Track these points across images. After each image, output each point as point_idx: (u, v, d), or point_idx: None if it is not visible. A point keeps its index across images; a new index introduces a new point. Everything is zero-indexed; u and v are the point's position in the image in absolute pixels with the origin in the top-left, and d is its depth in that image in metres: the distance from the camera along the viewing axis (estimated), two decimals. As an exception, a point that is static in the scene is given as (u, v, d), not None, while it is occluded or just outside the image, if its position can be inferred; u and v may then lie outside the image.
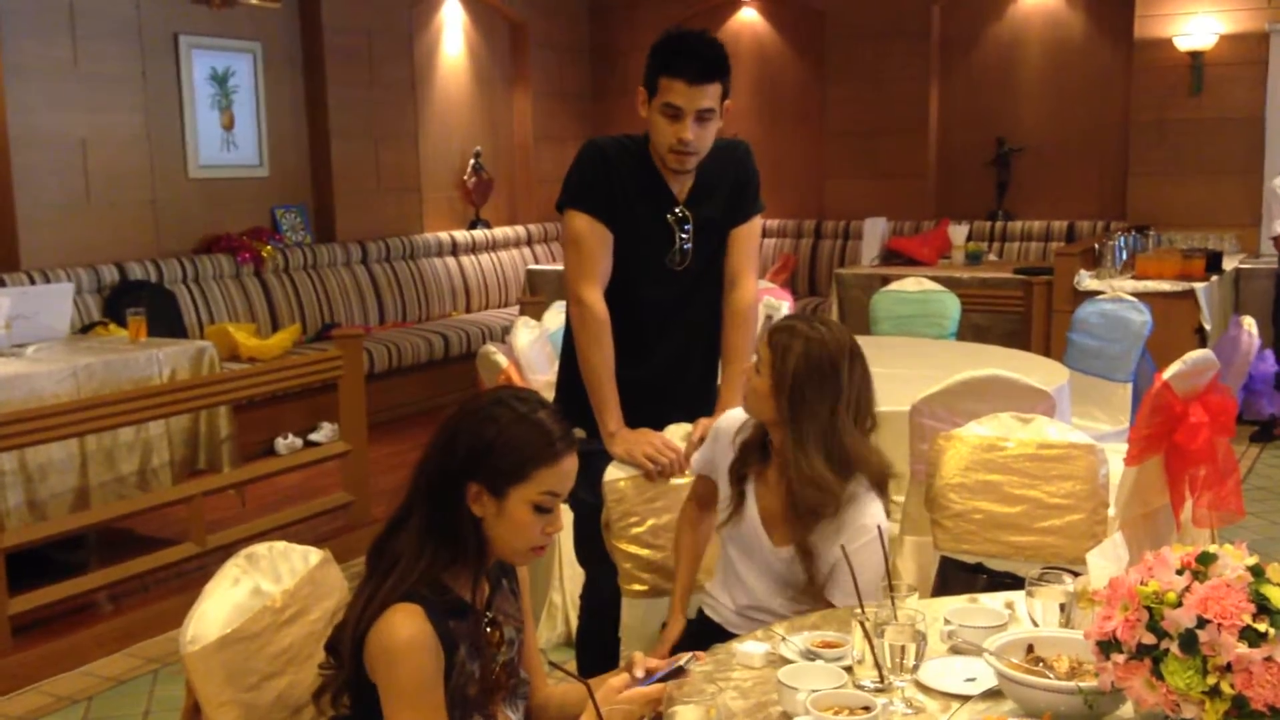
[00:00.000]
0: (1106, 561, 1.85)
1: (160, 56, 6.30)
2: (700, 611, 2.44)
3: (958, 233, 7.44)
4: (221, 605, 1.74)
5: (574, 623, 3.75)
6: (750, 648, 1.91)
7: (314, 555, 1.90)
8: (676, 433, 2.72)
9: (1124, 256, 6.37)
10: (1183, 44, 7.20)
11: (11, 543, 3.68)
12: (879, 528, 2.10)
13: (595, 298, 2.62)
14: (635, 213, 2.64)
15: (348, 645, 1.68)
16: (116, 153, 6.09)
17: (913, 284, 5.26)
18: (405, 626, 1.64)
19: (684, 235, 2.66)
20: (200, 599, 1.74)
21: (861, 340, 4.69)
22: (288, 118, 7.08)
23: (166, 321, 5.73)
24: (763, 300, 4.20)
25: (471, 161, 8.23)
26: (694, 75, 2.50)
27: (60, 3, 5.80)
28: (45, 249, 5.73)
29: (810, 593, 2.26)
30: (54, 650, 3.71)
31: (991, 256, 7.62)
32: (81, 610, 3.96)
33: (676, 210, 2.66)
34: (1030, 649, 1.74)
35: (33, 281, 5.42)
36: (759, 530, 2.29)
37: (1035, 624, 1.90)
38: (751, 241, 2.78)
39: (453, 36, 8.18)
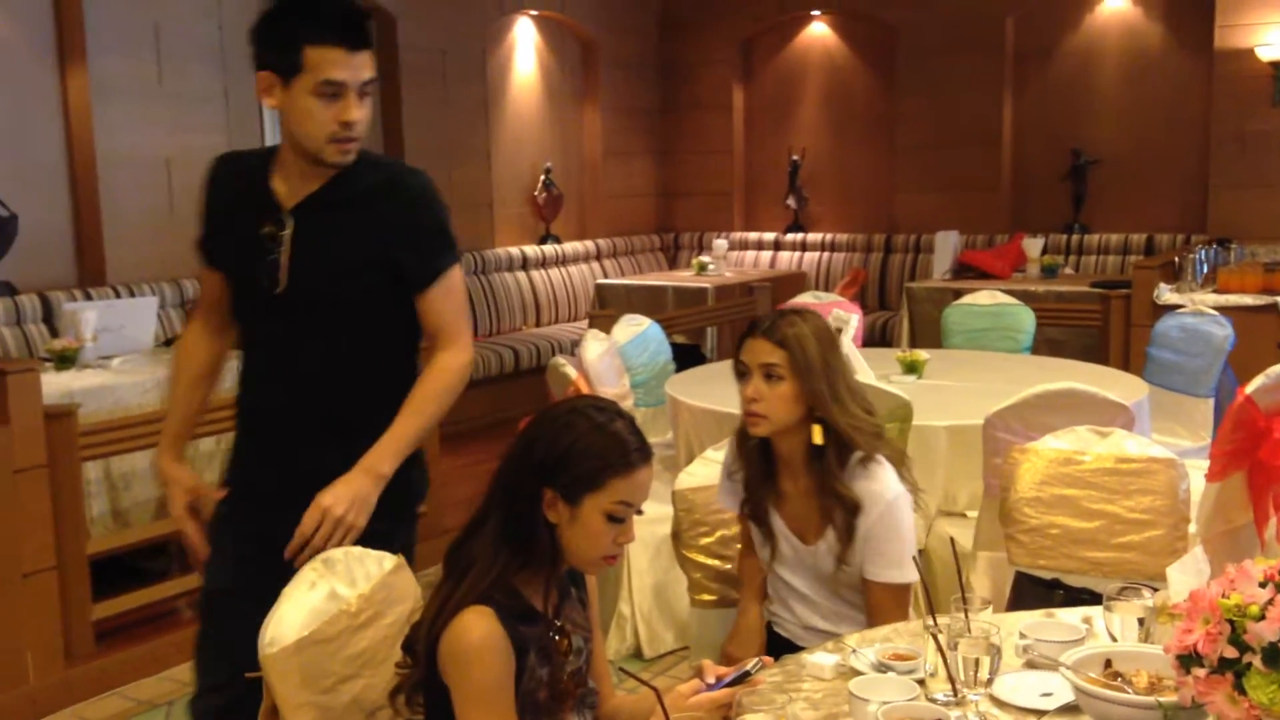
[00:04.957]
0: (1187, 576, 1.81)
1: (242, 76, 6.44)
2: (770, 626, 2.44)
3: (1033, 246, 7.33)
4: (299, 609, 1.78)
5: (643, 634, 3.76)
6: (820, 659, 1.91)
7: (388, 560, 1.93)
8: (699, 468, 2.69)
9: (1205, 270, 6.22)
10: (1264, 54, 7.04)
11: (96, 550, 3.77)
12: (899, 495, 2.24)
13: (190, 329, 2.34)
14: (231, 226, 2.19)
15: (422, 645, 1.71)
16: (199, 171, 6.12)
17: (986, 297, 5.19)
18: (477, 628, 1.66)
19: (279, 246, 2.10)
20: (278, 602, 1.78)
21: (933, 353, 4.65)
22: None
23: (245, 335, 5.84)
24: (831, 313, 4.18)
25: (542, 177, 8.30)
26: (354, 39, 2.05)
27: (146, 23, 5.97)
28: (130, 264, 5.89)
29: (850, 580, 2.30)
30: (136, 655, 3.80)
31: (1068, 270, 7.50)
32: (163, 616, 4.06)
33: (278, 216, 2.12)
34: (1108, 664, 1.71)
35: (118, 295, 5.57)
36: (794, 543, 2.33)
37: (1113, 639, 1.87)
38: (454, 297, 2.17)
39: (525, 55, 8.27)
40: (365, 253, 2.11)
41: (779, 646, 2.32)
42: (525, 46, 8.28)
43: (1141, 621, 1.85)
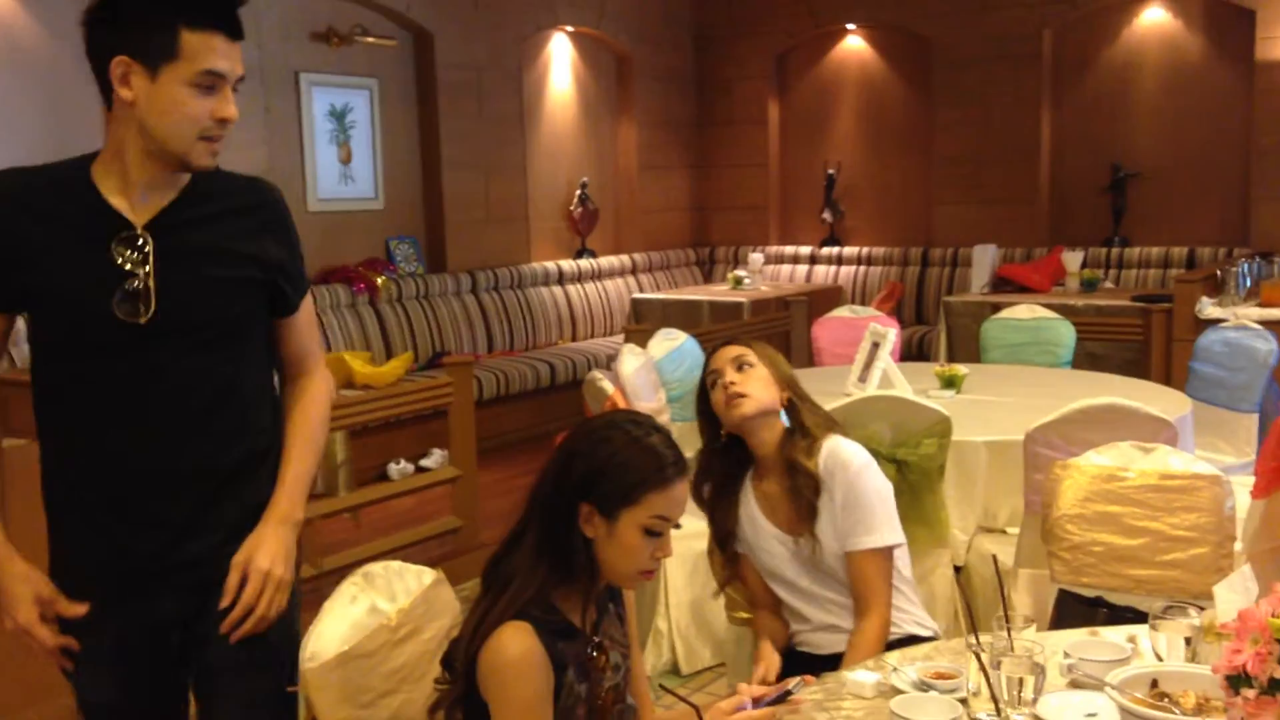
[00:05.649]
0: (1235, 594, 1.78)
1: (282, 94, 6.53)
2: (795, 650, 2.46)
3: (1072, 259, 7.27)
4: (340, 623, 1.78)
5: (680, 650, 3.75)
6: (861, 677, 1.89)
7: (428, 575, 1.94)
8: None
9: (1248, 283, 6.15)
10: (1309, 64, 6.96)
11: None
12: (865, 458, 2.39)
13: None
14: (51, 252, 1.80)
15: (461, 661, 1.71)
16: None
17: (1025, 311, 5.15)
18: (516, 644, 1.66)
19: (141, 269, 1.79)
20: (319, 616, 1.79)
21: (971, 368, 4.62)
22: (402, 151, 7.27)
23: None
24: (869, 327, 4.17)
25: (578, 192, 8.33)
26: (236, 28, 1.81)
27: (188, 44, 6.04)
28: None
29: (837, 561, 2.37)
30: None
31: (1108, 284, 7.42)
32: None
33: (131, 235, 1.80)
34: (1154, 684, 1.69)
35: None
36: (785, 541, 2.40)
37: (1160, 658, 1.84)
38: (313, 320, 2.06)
39: (560, 69, 8.31)
40: (245, 273, 1.87)
41: (810, 667, 2.31)
42: (561, 62, 8.32)
43: (1188, 641, 1.83)
